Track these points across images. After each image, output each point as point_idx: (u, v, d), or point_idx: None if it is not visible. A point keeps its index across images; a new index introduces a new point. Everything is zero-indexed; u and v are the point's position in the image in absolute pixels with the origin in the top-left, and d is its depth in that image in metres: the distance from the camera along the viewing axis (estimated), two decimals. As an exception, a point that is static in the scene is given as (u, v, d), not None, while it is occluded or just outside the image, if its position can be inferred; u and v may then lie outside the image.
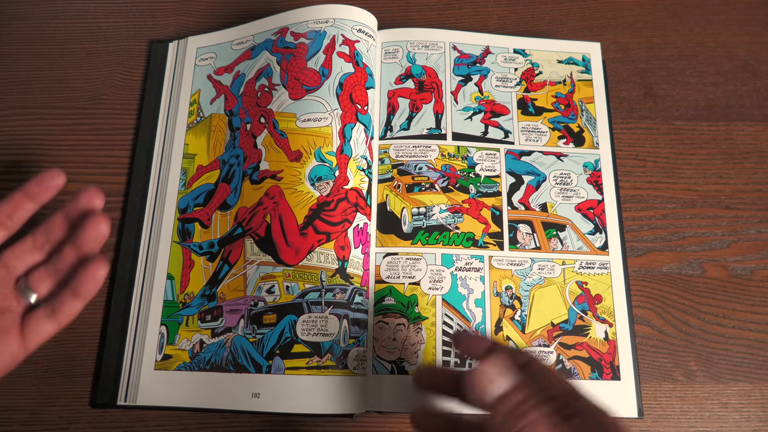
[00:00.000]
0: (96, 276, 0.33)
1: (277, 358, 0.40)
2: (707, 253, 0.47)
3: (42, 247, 0.35)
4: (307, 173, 0.44)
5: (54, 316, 0.34)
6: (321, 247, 0.42)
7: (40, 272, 0.34)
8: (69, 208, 0.34)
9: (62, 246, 0.34)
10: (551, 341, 0.43)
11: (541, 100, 0.50)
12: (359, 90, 0.46)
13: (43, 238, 0.35)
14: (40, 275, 0.34)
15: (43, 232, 0.35)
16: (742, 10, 0.56)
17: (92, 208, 0.34)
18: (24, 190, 0.34)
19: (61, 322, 0.34)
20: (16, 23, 0.53)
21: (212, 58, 0.50)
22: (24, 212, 0.34)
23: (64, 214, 0.34)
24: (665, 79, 0.53)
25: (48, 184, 0.34)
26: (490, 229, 0.45)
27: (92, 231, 0.33)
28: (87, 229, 0.33)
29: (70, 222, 0.34)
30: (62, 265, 0.34)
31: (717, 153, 0.50)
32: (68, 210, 0.34)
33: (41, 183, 0.34)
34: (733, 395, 0.43)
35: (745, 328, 0.45)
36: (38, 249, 0.35)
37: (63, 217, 0.34)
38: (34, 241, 0.35)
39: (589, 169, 0.48)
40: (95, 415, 0.41)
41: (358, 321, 0.41)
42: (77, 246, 0.34)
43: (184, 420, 0.41)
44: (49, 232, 0.34)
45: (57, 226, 0.34)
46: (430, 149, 0.47)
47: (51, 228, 0.34)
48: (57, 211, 0.34)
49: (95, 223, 0.33)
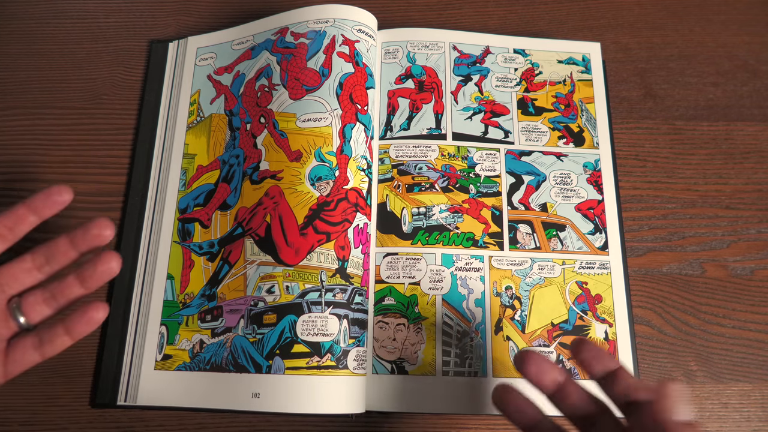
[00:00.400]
0: (93, 319, 0.33)
1: (277, 358, 0.40)
2: (707, 253, 0.47)
3: (41, 268, 0.33)
4: (307, 173, 0.44)
5: (41, 348, 0.32)
6: (321, 247, 0.42)
7: (35, 296, 0.33)
8: (77, 234, 0.33)
9: (63, 272, 0.33)
10: (551, 341, 0.43)
11: (541, 100, 0.50)
12: (359, 90, 0.46)
13: (43, 259, 0.33)
14: (35, 300, 0.33)
15: (44, 253, 0.33)
16: (742, 10, 0.56)
17: (102, 239, 0.33)
18: (28, 203, 0.33)
19: (45, 354, 0.33)
20: (16, 23, 0.53)
21: (212, 58, 0.50)
22: (25, 226, 0.33)
23: (70, 239, 0.33)
24: (665, 79, 0.53)
25: (54, 200, 0.33)
26: (490, 229, 0.45)
27: (102, 267, 0.32)
28: (97, 264, 0.32)
29: (75, 248, 0.33)
30: (60, 295, 0.33)
31: (717, 153, 0.50)
32: (75, 236, 0.33)
33: (47, 198, 0.33)
34: (733, 395, 0.43)
35: (745, 328, 0.45)
36: (37, 269, 0.33)
37: (68, 242, 0.33)
38: (33, 261, 0.33)
39: (589, 169, 0.48)
40: (95, 415, 0.41)
41: (358, 321, 0.41)
42: (82, 279, 0.33)
43: (184, 420, 0.41)
44: (51, 255, 0.33)
45: (60, 250, 0.33)
46: (430, 149, 0.47)
47: (53, 250, 0.33)
48: (62, 235, 0.33)
49: (106, 260, 0.32)
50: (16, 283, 0.33)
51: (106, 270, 0.33)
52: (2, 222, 0.32)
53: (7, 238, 0.32)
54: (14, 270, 0.33)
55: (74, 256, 0.33)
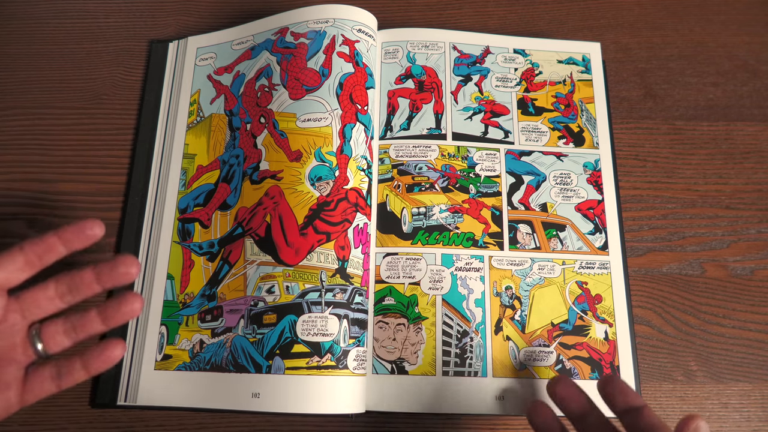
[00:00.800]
0: (111, 358, 0.33)
1: (277, 358, 0.40)
2: (707, 253, 0.47)
3: (63, 297, 0.33)
4: (307, 173, 0.44)
5: (58, 380, 0.33)
6: (321, 247, 0.42)
7: (56, 325, 0.33)
8: (103, 270, 0.33)
9: (84, 304, 0.33)
10: (551, 341, 0.43)
11: (541, 100, 0.50)
12: (359, 90, 0.46)
13: (66, 289, 0.33)
14: (56, 329, 0.33)
15: (68, 282, 0.33)
16: (742, 10, 0.56)
17: (129, 277, 0.33)
18: (60, 233, 0.32)
19: (62, 386, 0.33)
20: (16, 23, 0.53)
21: (212, 58, 0.50)
22: (53, 255, 0.32)
23: (96, 273, 0.33)
24: (665, 79, 0.53)
25: (86, 234, 0.32)
26: (490, 229, 0.45)
27: (126, 308, 0.33)
28: (121, 305, 0.33)
29: (100, 283, 0.33)
30: (81, 329, 0.33)
31: (717, 153, 0.50)
32: (101, 271, 0.33)
33: (80, 231, 0.32)
34: (733, 395, 0.43)
35: (745, 328, 0.45)
36: (59, 298, 0.33)
37: (93, 276, 0.33)
38: (56, 289, 0.33)
39: (589, 169, 0.48)
40: (95, 415, 0.41)
41: (358, 321, 0.41)
42: (104, 317, 0.33)
43: (184, 420, 0.41)
44: (75, 286, 0.33)
45: (84, 282, 0.33)
46: (430, 149, 0.47)
47: (78, 282, 0.33)
48: (89, 267, 0.33)
49: (131, 302, 0.33)
50: (38, 310, 0.33)
51: (129, 311, 0.33)
52: (33, 249, 0.32)
53: (35, 265, 0.32)
54: (37, 296, 0.33)
55: (98, 290, 0.33)
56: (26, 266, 0.32)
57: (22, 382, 0.32)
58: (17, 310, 0.32)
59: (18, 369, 0.32)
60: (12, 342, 0.32)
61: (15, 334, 0.32)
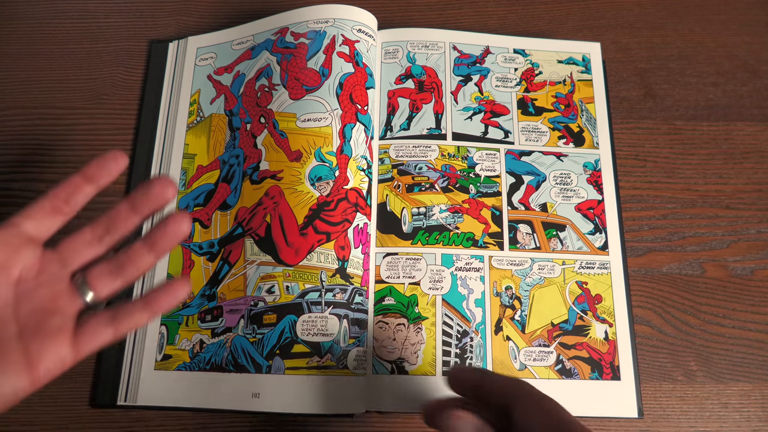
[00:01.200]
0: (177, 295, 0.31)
1: (277, 358, 0.40)
2: (707, 253, 0.47)
3: (101, 239, 0.31)
4: (307, 173, 0.44)
5: (115, 324, 0.30)
6: (321, 247, 0.42)
7: (100, 268, 0.31)
8: (137, 197, 0.30)
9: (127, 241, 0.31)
10: (551, 341, 0.43)
11: (541, 100, 0.50)
12: (359, 90, 0.46)
13: (103, 230, 0.30)
14: (100, 272, 0.30)
15: (105, 222, 0.30)
16: (742, 10, 0.56)
17: (165, 198, 0.30)
18: (83, 172, 0.30)
19: (120, 331, 0.30)
20: (16, 23, 0.53)
21: (212, 58, 0.50)
22: (82, 197, 0.30)
23: (130, 203, 0.30)
24: (665, 79, 0.53)
25: (110, 166, 0.30)
26: (490, 229, 0.45)
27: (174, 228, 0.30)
28: (168, 225, 0.30)
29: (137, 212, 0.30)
30: (129, 264, 0.30)
31: (717, 153, 0.50)
32: (135, 199, 0.30)
33: (102, 165, 0.30)
34: (733, 395, 0.43)
35: (745, 328, 0.45)
36: (98, 241, 0.31)
37: (128, 207, 0.30)
38: (93, 232, 0.30)
39: (589, 169, 0.48)
40: (95, 415, 0.41)
41: (358, 321, 0.41)
42: (151, 245, 0.30)
43: (184, 420, 0.41)
44: (111, 223, 0.30)
45: (121, 217, 0.30)
46: (430, 149, 0.47)
47: (114, 218, 0.30)
48: (122, 200, 0.30)
49: (177, 221, 0.30)
50: (78, 256, 0.30)
51: (176, 231, 0.30)
52: (57, 194, 0.30)
53: (64, 211, 0.30)
54: (74, 243, 0.30)
55: (137, 221, 0.30)
56: (54, 213, 0.30)
57: (73, 333, 0.29)
58: (55, 260, 0.30)
59: (66, 319, 0.30)
60: (55, 292, 0.30)
61: (57, 283, 0.30)
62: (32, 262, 0.29)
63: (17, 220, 0.29)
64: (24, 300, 0.29)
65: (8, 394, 0.27)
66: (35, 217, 0.30)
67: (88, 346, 0.30)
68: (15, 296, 0.29)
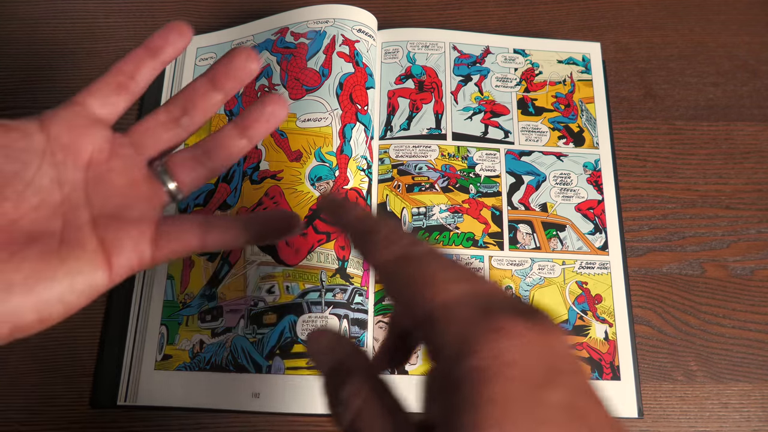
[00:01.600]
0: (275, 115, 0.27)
1: (277, 358, 0.40)
2: (707, 253, 0.47)
3: (179, 121, 0.27)
4: (307, 173, 0.44)
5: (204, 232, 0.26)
6: (321, 247, 0.42)
7: (182, 154, 0.27)
8: (217, 70, 0.27)
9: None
10: (551, 341, 0.43)
11: (541, 100, 0.50)
12: (359, 90, 0.46)
13: (180, 109, 0.27)
14: (183, 158, 0.27)
15: (181, 101, 0.27)
16: (742, 10, 0.56)
17: (249, 71, 0.27)
18: (146, 45, 0.27)
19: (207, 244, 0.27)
20: (16, 23, 0.53)
21: (212, 58, 0.50)
22: (148, 71, 0.27)
23: (209, 77, 0.27)
24: (665, 79, 0.53)
25: (174, 39, 0.27)
26: (490, 229, 0.45)
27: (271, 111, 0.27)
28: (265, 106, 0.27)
29: (218, 87, 0.27)
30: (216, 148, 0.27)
31: (717, 153, 0.50)
32: (215, 73, 0.27)
33: (166, 36, 0.27)
34: (733, 395, 0.43)
35: (745, 328, 0.45)
36: (174, 122, 0.27)
37: (207, 81, 0.27)
38: (168, 113, 0.27)
39: (589, 169, 0.48)
40: (95, 415, 0.41)
41: (358, 321, 0.41)
42: (243, 127, 0.27)
43: (184, 420, 0.41)
44: (189, 101, 0.27)
45: (199, 93, 0.27)
46: (430, 149, 0.47)
47: (191, 96, 0.27)
48: (199, 76, 0.27)
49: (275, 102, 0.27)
50: (154, 141, 0.27)
51: (273, 112, 0.27)
52: (121, 68, 0.27)
53: (129, 87, 0.27)
54: (147, 124, 0.27)
55: (218, 99, 0.27)
56: (119, 89, 0.27)
57: (155, 228, 0.26)
58: (128, 144, 0.27)
59: (147, 210, 0.26)
60: (131, 179, 0.27)
61: (133, 169, 0.27)
62: (102, 144, 0.26)
63: (81, 98, 0.27)
64: (97, 185, 0.26)
65: (84, 285, 0.24)
66: (100, 94, 0.27)
67: (170, 248, 0.26)
68: (86, 181, 0.26)
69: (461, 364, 0.17)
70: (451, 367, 0.17)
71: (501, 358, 0.16)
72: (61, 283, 0.23)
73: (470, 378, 0.16)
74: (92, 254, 0.24)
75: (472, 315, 0.17)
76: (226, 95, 0.27)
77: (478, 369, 0.16)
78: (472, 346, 0.17)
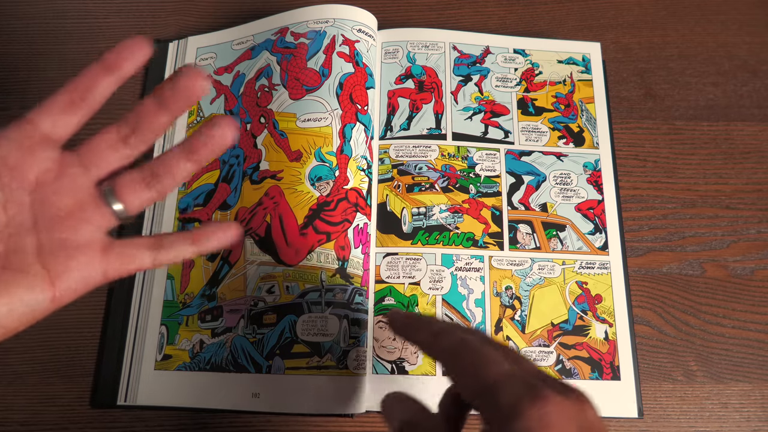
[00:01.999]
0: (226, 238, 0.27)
1: (277, 358, 0.40)
2: (707, 253, 0.47)
3: (127, 140, 0.26)
4: (307, 173, 0.44)
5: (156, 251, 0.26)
6: (321, 247, 0.42)
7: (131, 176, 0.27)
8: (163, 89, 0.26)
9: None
10: (551, 341, 0.43)
11: (541, 100, 0.50)
12: (359, 90, 0.46)
13: (129, 129, 0.26)
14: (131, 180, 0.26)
15: (131, 120, 0.26)
16: (742, 10, 0.56)
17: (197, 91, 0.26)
18: (102, 61, 0.26)
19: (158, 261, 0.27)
20: (16, 23, 0.53)
21: (212, 58, 0.50)
22: (102, 89, 0.26)
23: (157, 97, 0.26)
24: (665, 79, 0.53)
25: (132, 54, 0.26)
26: (490, 229, 0.45)
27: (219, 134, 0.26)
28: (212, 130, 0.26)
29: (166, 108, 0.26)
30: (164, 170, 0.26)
31: (717, 153, 0.50)
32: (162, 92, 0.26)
33: (123, 52, 0.25)
34: (733, 395, 0.43)
35: (745, 328, 0.45)
36: (123, 142, 0.26)
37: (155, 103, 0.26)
38: (118, 132, 0.26)
39: (589, 169, 0.48)
40: (95, 415, 0.41)
41: (358, 321, 0.41)
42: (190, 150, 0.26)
43: (184, 420, 0.41)
44: (138, 121, 0.26)
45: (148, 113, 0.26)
46: (430, 149, 0.47)
47: (140, 115, 0.26)
48: (148, 96, 0.26)
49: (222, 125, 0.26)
50: (102, 160, 0.27)
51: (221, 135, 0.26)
52: (74, 86, 0.26)
53: (82, 105, 0.26)
54: (97, 144, 0.27)
55: (166, 120, 0.26)
56: (72, 107, 0.26)
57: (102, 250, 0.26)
58: (77, 164, 0.26)
59: (95, 231, 0.26)
60: (78, 200, 0.26)
61: (79, 190, 0.26)
62: (50, 164, 0.26)
63: (32, 116, 0.26)
64: (43, 208, 0.25)
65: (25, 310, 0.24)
66: (51, 112, 0.26)
67: (121, 269, 0.26)
68: (32, 203, 0.25)
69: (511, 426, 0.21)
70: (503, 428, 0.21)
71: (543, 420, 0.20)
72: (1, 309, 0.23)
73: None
74: (35, 280, 0.24)
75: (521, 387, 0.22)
76: (173, 115, 0.26)
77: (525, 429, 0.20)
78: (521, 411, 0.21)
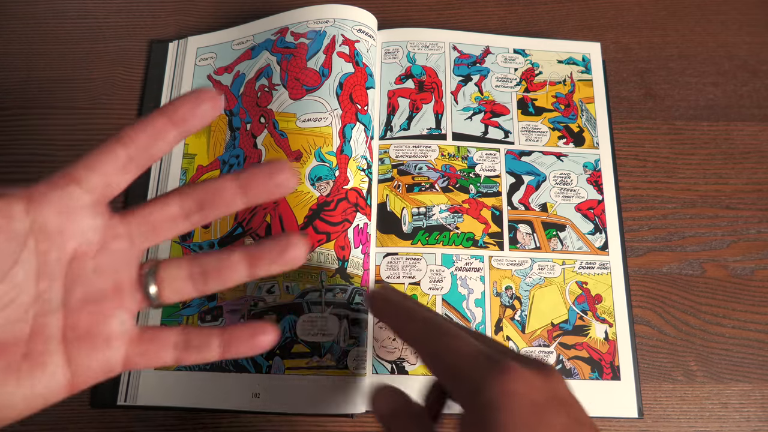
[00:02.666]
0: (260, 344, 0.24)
1: (277, 358, 0.40)
2: (707, 253, 0.47)
3: (189, 216, 0.23)
4: (307, 173, 0.44)
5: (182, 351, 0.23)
6: (321, 247, 0.42)
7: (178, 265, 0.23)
8: (252, 176, 0.23)
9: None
10: (551, 341, 0.43)
11: (541, 100, 0.50)
12: (359, 90, 0.46)
13: (197, 205, 0.23)
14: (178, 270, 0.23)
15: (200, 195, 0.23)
16: (742, 10, 0.56)
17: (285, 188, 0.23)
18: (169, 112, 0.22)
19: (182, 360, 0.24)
20: (16, 23, 0.53)
21: (212, 58, 0.50)
22: (164, 145, 0.22)
23: (240, 181, 0.23)
24: (665, 79, 0.53)
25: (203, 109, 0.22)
26: (490, 229, 0.45)
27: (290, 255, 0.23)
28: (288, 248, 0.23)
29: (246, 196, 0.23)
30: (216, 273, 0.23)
31: (717, 153, 0.50)
32: (248, 178, 0.23)
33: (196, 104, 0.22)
34: (733, 395, 0.43)
35: (745, 328, 0.45)
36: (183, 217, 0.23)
37: (236, 185, 0.23)
38: (181, 205, 0.23)
39: (589, 169, 0.48)
40: (95, 415, 0.41)
41: (358, 321, 0.41)
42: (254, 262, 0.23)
43: (184, 420, 0.41)
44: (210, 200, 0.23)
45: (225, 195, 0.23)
46: (430, 149, 0.47)
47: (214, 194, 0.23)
48: (227, 175, 0.23)
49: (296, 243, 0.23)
50: (153, 235, 0.23)
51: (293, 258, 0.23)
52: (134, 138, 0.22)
53: (140, 162, 0.22)
54: (153, 214, 0.23)
55: (240, 206, 0.23)
56: (129, 164, 0.22)
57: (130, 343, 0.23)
58: (123, 235, 0.23)
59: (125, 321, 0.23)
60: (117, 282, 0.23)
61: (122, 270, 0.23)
62: (93, 234, 0.22)
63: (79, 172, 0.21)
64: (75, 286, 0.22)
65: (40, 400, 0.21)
66: (103, 170, 0.21)
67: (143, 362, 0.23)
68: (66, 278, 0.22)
69: (476, 400, 0.21)
70: (470, 405, 0.22)
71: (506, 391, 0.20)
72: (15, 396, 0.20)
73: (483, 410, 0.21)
74: (56, 371, 0.21)
75: (484, 361, 0.22)
76: (250, 204, 0.23)
77: (488, 401, 0.20)
78: (484, 384, 0.21)
